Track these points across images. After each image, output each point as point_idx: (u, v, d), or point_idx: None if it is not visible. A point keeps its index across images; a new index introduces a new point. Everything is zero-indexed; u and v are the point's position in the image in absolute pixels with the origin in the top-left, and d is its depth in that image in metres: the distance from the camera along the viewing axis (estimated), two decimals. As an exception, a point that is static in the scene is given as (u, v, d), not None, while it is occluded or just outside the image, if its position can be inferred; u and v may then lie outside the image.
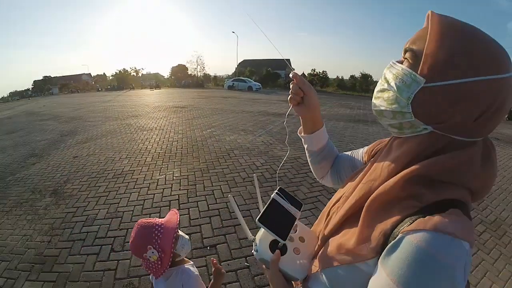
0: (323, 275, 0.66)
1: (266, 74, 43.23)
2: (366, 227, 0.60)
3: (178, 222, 1.28)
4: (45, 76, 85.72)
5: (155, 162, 5.84)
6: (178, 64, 59.30)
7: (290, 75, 0.88)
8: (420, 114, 0.57)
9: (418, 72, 0.55)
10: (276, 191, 0.86)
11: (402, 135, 0.64)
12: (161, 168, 5.47)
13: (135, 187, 4.60)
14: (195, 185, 4.60)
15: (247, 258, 2.83)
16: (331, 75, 46.14)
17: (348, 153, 1.01)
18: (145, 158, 6.10)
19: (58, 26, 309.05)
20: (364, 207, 0.62)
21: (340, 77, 45.56)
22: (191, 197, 4.15)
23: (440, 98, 0.53)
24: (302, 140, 1.01)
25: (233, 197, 1.11)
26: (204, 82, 49.78)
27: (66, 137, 8.86)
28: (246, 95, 24.35)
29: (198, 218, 3.55)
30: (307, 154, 1.04)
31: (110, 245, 3.10)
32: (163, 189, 4.47)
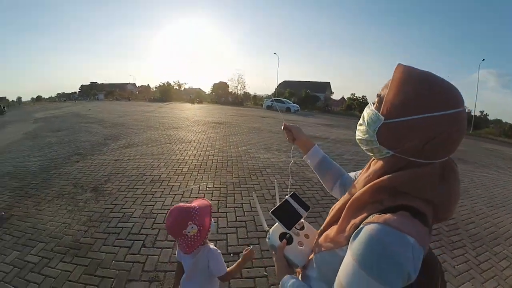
0: (314, 260, 0.88)
1: (305, 96, 43.46)
2: (344, 221, 0.78)
3: (209, 203, 1.53)
4: (92, 82, 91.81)
5: (191, 172, 6.14)
6: (220, 81, 61.20)
7: (282, 127, 1.33)
8: (383, 142, 0.74)
9: (380, 112, 0.73)
10: (290, 194, 1.14)
11: (375, 157, 0.81)
12: (196, 178, 5.75)
13: (170, 193, 4.89)
14: (226, 197, 4.79)
15: (266, 268, 2.94)
16: (372, 99, 45.36)
17: (353, 173, 1.21)
18: (181, 168, 6.44)
19: (109, 36, 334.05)
20: (345, 208, 0.81)
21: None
22: (221, 208, 4.34)
23: (394, 131, 0.70)
24: (307, 161, 1.30)
25: (257, 196, 1.39)
26: (244, 100, 50.83)
27: (109, 141, 9.57)
28: (284, 116, 24.46)
29: (225, 227, 3.72)
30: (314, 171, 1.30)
31: (142, 241, 3.36)
32: (196, 197, 4.67)
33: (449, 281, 2.88)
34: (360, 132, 0.82)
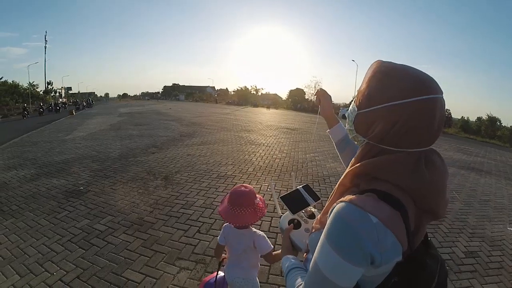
0: (308, 241, 0.93)
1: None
2: (329, 204, 0.84)
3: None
4: (174, 83, 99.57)
5: (256, 172, 6.36)
6: (297, 88, 61.22)
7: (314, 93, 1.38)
8: (358, 130, 0.80)
9: (356, 104, 0.79)
10: (302, 185, 1.24)
11: (358, 144, 0.86)
12: (259, 178, 5.94)
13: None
14: (284, 199, 4.83)
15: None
16: (456, 114, 41.07)
17: None
18: (247, 168, 6.71)
19: (191, 44, 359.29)
20: (334, 192, 0.87)
21: (465, 118, 39.59)
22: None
23: (364, 119, 0.76)
24: (330, 135, 1.36)
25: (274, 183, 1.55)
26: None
27: (185, 138, 10.48)
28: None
29: (277, 227, 3.79)
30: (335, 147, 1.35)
31: (198, 228, 3.64)
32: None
33: None
34: (346, 123, 0.89)
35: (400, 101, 0.67)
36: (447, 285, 0.79)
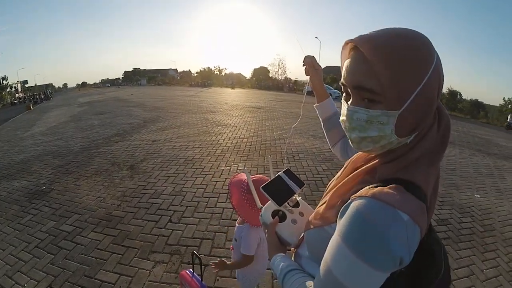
0: (304, 238, 0.82)
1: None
2: (334, 197, 0.72)
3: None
4: (134, 68, 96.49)
5: (224, 154, 6.24)
6: (260, 66, 61.11)
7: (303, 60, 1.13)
8: (401, 133, 0.61)
9: (387, 108, 0.58)
10: (283, 170, 1.05)
11: (386, 148, 0.66)
12: (228, 160, 5.83)
13: (201, 173, 5.02)
14: (255, 179, 4.80)
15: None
16: None
17: None
18: (215, 150, 6.56)
19: (149, 22, 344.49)
20: (339, 184, 0.74)
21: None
22: (249, 189, 4.37)
23: (408, 115, 0.58)
24: (316, 111, 1.20)
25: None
26: (284, 85, 50.27)
27: (148, 124, 10.05)
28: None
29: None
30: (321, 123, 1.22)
31: (169, 217, 3.51)
32: (226, 178, 4.78)
33: (475, 285, 2.64)
34: (368, 142, 0.64)
35: (433, 64, 0.57)
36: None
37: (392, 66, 0.55)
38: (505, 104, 37.23)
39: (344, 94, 0.69)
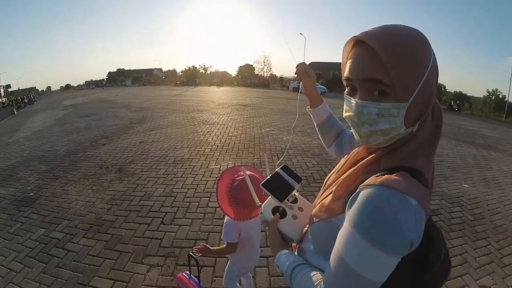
0: (309, 232, 0.83)
1: (333, 78, 42.27)
2: (340, 189, 0.73)
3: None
4: (119, 69, 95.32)
5: (213, 153, 6.20)
6: (246, 64, 61.04)
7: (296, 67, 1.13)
8: (409, 123, 0.64)
9: (397, 101, 0.61)
10: (280, 166, 1.05)
11: (395, 138, 0.68)
12: (217, 159, 5.80)
13: (191, 173, 4.97)
14: (246, 177, 4.79)
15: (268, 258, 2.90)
16: None
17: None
18: (204, 149, 6.50)
19: (133, 22, 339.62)
20: (342, 176, 0.76)
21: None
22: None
23: (415, 106, 0.62)
24: (310, 115, 1.20)
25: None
26: (270, 82, 50.34)
27: (135, 124, 9.89)
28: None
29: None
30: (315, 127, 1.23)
31: (161, 219, 3.46)
32: (216, 177, 4.73)
33: (469, 273, 2.71)
34: (378, 136, 0.66)
35: (432, 56, 0.62)
36: None
37: (400, 60, 0.58)
38: (489, 95, 38.40)
39: (348, 89, 0.71)
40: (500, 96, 36.36)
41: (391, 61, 0.58)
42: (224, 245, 1.66)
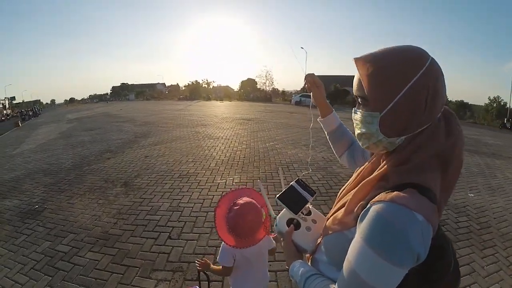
0: (322, 243, 0.89)
1: (334, 91, 42.41)
2: (352, 203, 0.78)
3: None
4: (122, 83, 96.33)
5: (218, 167, 6.21)
6: (248, 78, 61.53)
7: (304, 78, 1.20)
8: (389, 133, 0.71)
9: (371, 110, 0.71)
10: (295, 180, 1.11)
11: (389, 149, 0.76)
12: (222, 173, 5.80)
13: (197, 187, 4.98)
14: (252, 191, 4.78)
15: (277, 273, 2.89)
16: None
17: None
18: (209, 163, 6.52)
19: (136, 37, 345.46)
20: (354, 190, 0.81)
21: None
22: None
23: (392, 117, 0.69)
24: (321, 125, 1.26)
25: (261, 182, 1.40)
26: (272, 96, 50.65)
27: (140, 139, 9.97)
28: (313, 111, 24.36)
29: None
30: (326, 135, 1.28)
31: (168, 233, 3.45)
32: (222, 191, 4.73)
33: (477, 282, 2.69)
34: (364, 139, 0.77)
35: (417, 75, 0.65)
36: None
37: (371, 78, 0.69)
38: (490, 102, 38.33)
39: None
40: (502, 103, 36.42)
41: (364, 79, 0.71)
42: (221, 267, 1.65)
